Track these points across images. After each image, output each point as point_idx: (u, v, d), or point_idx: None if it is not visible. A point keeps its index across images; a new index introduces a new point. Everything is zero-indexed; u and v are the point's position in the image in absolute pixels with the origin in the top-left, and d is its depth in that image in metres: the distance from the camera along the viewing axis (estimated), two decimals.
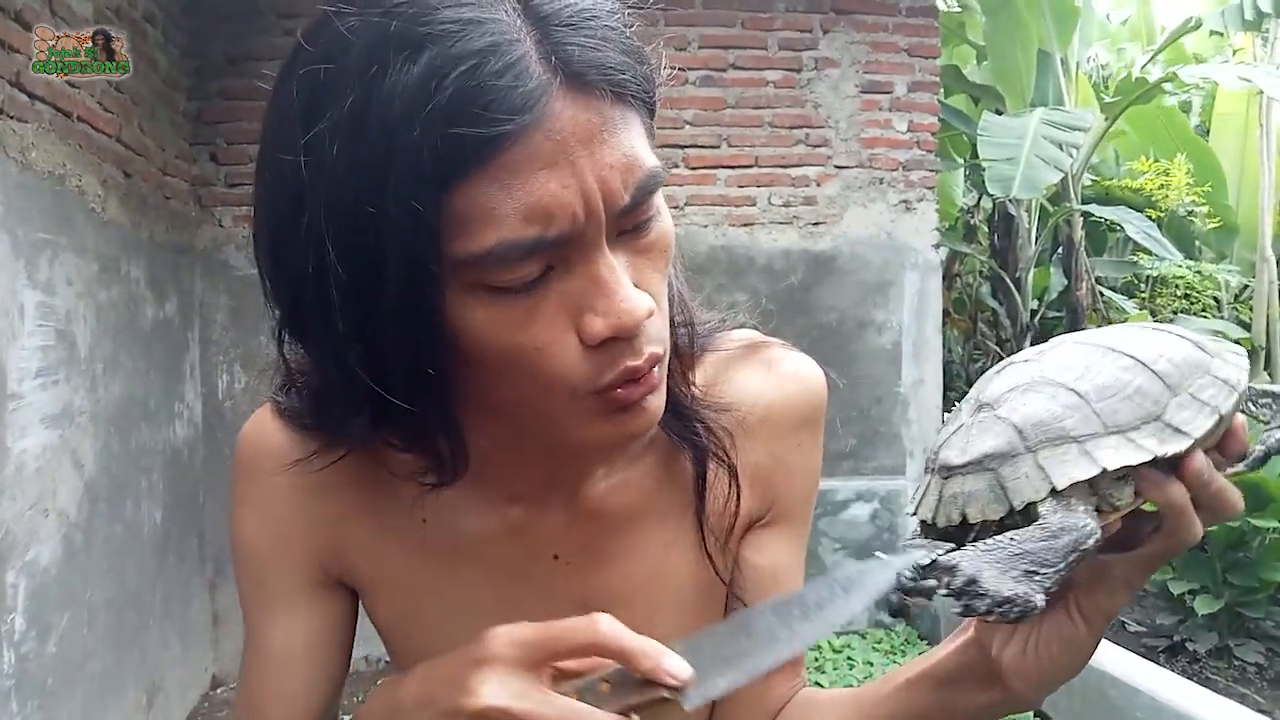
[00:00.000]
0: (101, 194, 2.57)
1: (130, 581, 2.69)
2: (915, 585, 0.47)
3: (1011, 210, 4.92)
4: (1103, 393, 0.48)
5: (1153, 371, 0.49)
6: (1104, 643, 2.85)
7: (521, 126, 0.45)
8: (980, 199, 5.36)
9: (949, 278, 5.10)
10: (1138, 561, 0.50)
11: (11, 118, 2.13)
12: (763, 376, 0.67)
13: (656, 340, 0.52)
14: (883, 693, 0.63)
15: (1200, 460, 0.48)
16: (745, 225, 3.69)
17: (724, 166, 3.68)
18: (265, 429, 0.64)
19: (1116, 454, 0.47)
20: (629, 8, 0.52)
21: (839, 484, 3.61)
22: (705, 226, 3.66)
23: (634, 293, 0.50)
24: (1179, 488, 0.48)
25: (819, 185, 3.73)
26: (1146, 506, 0.49)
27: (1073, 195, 4.89)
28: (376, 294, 0.47)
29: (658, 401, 0.54)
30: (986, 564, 0.45)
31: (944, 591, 0.46)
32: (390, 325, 0.48)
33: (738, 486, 0.64)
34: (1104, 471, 0.47)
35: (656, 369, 0.53)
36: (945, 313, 4.51)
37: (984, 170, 4.05)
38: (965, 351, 5.63)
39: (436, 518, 0.63)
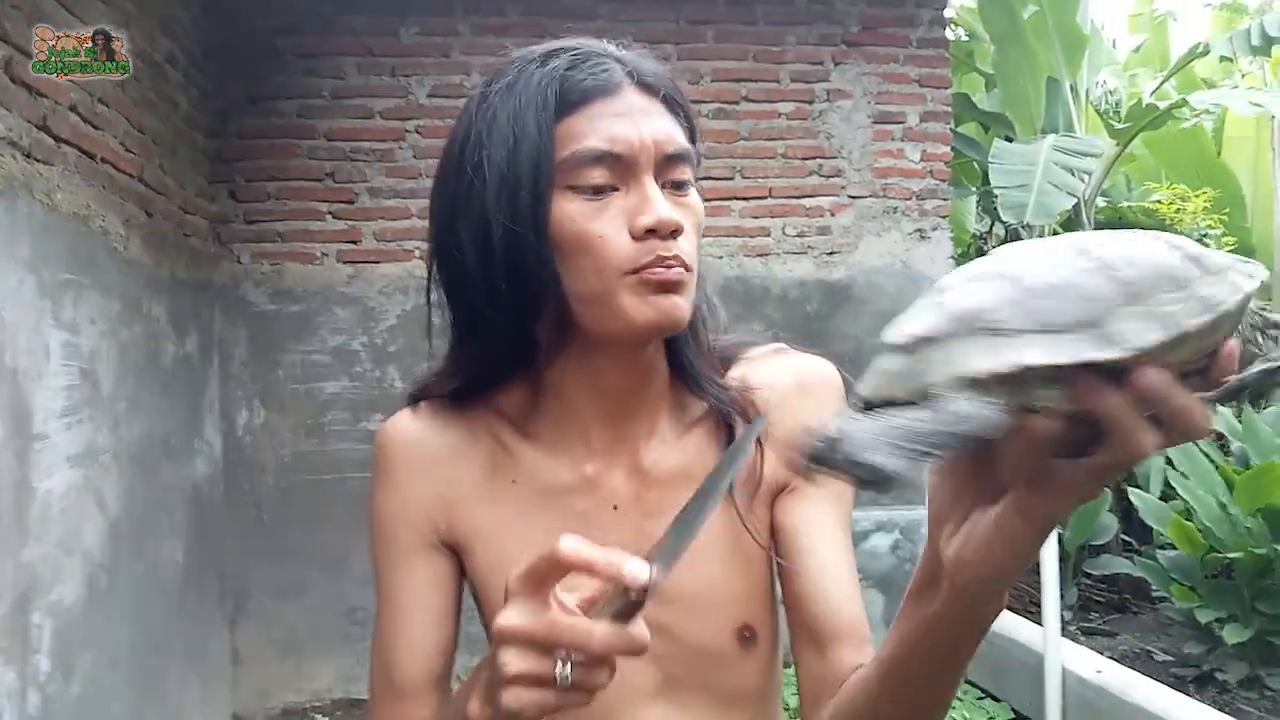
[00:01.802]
0: (124, 233, 2.59)
1: (152, 621, 2.69)
2: (812, 448, 0.48)
3: (1024, 236, 4.92)
4: (1050, 292, 0.47)
5: (1115, 277, 0.47)
6: (1132, 674, 2.82)
7: (606, 87, 0.72)
8: (993, 225, 5.36)
9: None
10: (1084, 469, 0.48)
11: (38, 160, 2.15)
12: (783, 369, 0.83)
13: (684, 251, 0.72)
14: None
15: (1151, 376, 0.46)
16: (760, 256, 3.70)
17: (738, 198, 3.69)
18: (399, 422, 0.83)
19: (1032, 352, 0.45)
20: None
21: (859, 515, 3.58)
22: (720, 257, 3.67)
23: (671, 208, 0.71)
24: (1114, 398, 0.46)
25: (833, 215, 3.74)
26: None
27: (1085, 221, 4.89)
28: (515, 185, 0.71)
29: (684, 302, 0.72)
30: (871, 433, 0.46)
31: (834, 472, 0.47)
32: (523, 206, 0.70)
33: (762, 450, 0.79)
34: (1020, 368, 0.45)
35: (684, 271, 0.71)
36: None
37: (996, 197, 4.05)
38: None
39: (524, 478, 0.80)
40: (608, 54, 0.74)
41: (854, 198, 3.75)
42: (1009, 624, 3.29)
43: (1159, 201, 5.33)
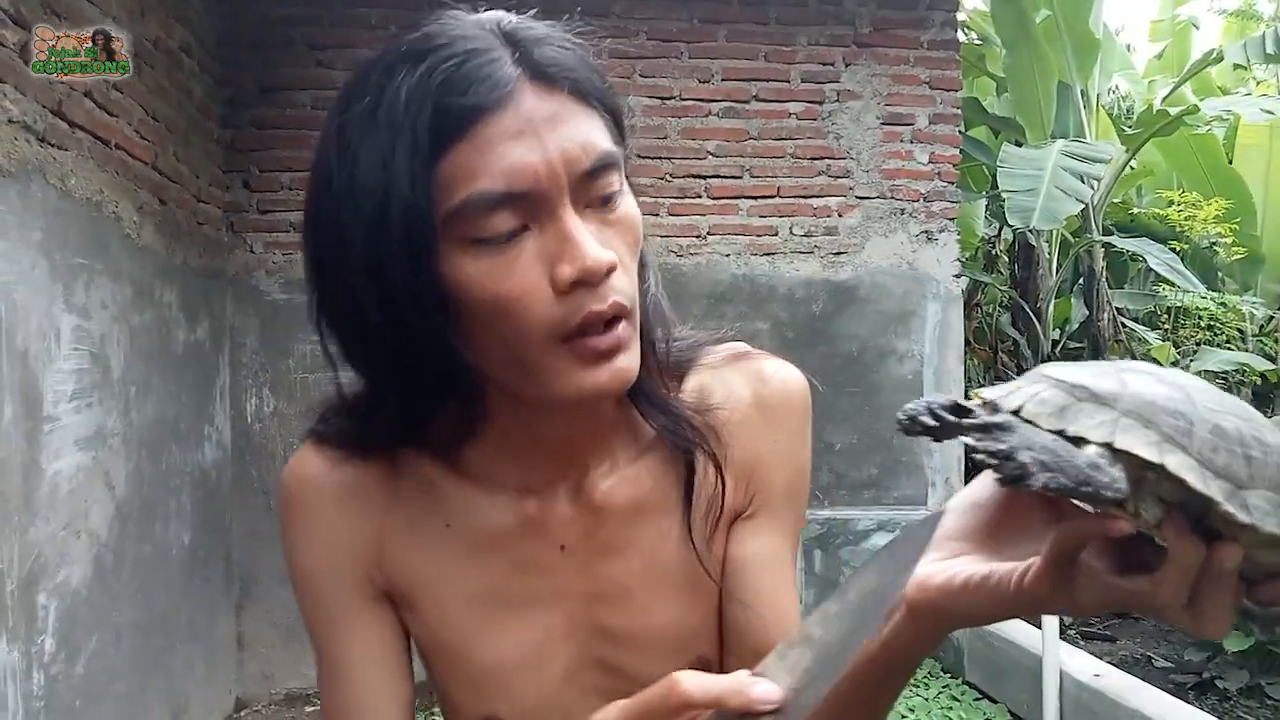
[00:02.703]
0: (137, 220, 2.62)
1: (158, 603, 2.72)
2: (947, 416, 0.49)
3: (1032, 241, 4.92)
4: (1218, 433, 0.49)
5: (1272, 462, 0.49)
6: (1130, 679, 2.82)
7: (493, 103, 0.56)
8: (1001, 229, 5.37)
9: (969, 307, 5.10)
10: (1107, 584, 0.48)
11: (52, 145, 2.18)
12: (744, 380, 0.73)
13: (621, 293, 0.59)
14: None
15: (1233, 553, 0.46)
16: (767, 255, 3.72)
17: (746, 197, 3.71)
18: (304, 462, 0.71)
19: (1183, 467, 0.47)
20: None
21: (860, 514, 3.60)
22: (728, 256, 3.69)
23: (597, 247, 0.58)
24: (1195, 549, 0.46)
25: (840, 215, 3.75)
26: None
27: (1094, 226, 4.89)
28: (386, 254, 0.57)
29: (628, 360, 0.61)
30: (1028, 441, 0.47)
31: (982, 446, 0.47)
32: (400, 273, 0.57)
33: (723, 480, 0.70)
34: (1160, 470, 0.46)
35: (624, 325, 0.60)
36: (966, 342, 4.51)
37: (1004, 201, 4.06)
38: (986, 381, 5.61)
39: (458, 520, 0.69)
40: (489, 46, 0.58)
41: (861, 198, 3.76)
42: (1008, 628, 3.29)
43: (1170, 209, 5.33)
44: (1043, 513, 0.55)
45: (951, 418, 0.50)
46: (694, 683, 0.47)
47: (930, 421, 0.50)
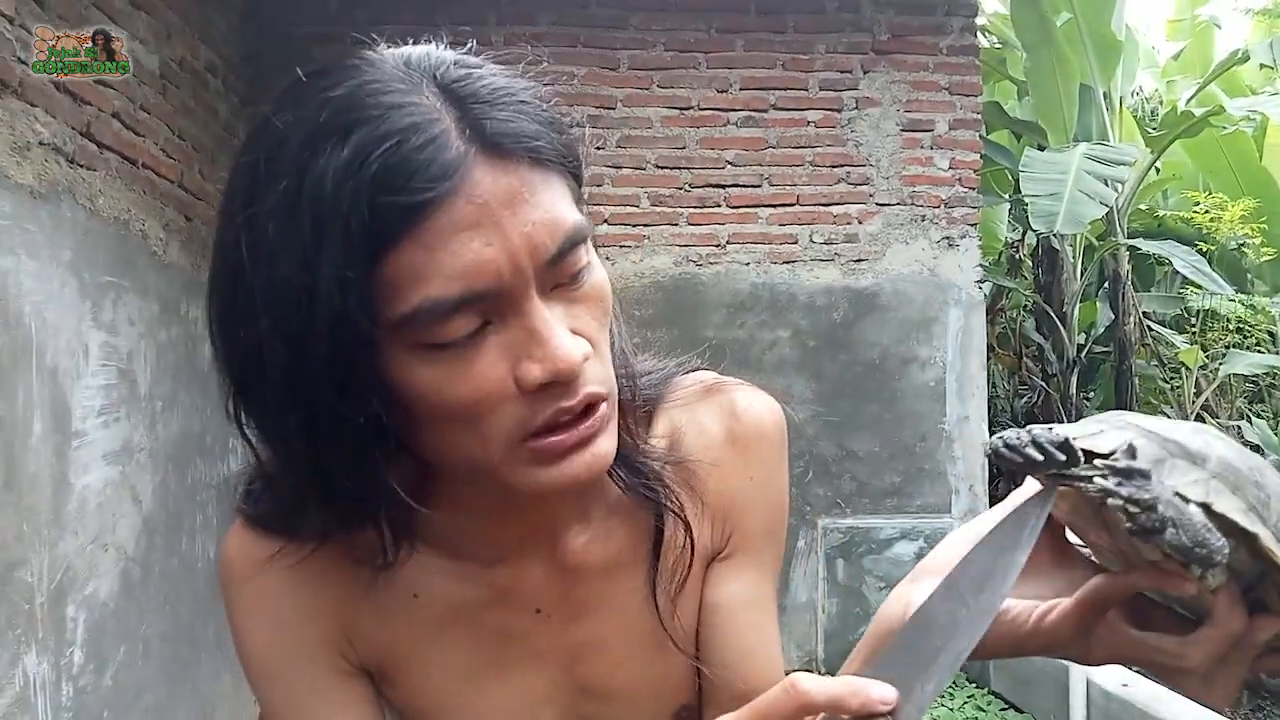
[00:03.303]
0: (163, 237, 2.67)
1: (184, 615, 2.75)
2: (1055, 453, 0.47)
3: (1056, 245, 4.87)
4: None
5: None
6: (1159, 688, 2.78)
7: (443, 194, 0.48)
8: (1024, 233, 5.32)
9: (993, 312, 5.06)
10: (1131, 639, 0.49)
11: (81, 166, 2.23)
12: (716, 416, 0.69)
13: (596, 382, 0.54)
14: None
15: (1275, 626, 0.47)
16: (787, 263, 3.71)
17: (765, 205, 3.71)
18: (242, 540, 0.65)
19: (1272, 540, 0.47)
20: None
21: (883, 522, 3.58)
22: (747, 264, 3.69)
23: (568, 339, 0.52)
24: (1242, 619, 0.47)
25: (861, 223, 3.74)
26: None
27: (1119, 229, 4.84)
28: (311, 366, 0.50)
29: (605, 444, 0.56)
30: (1163, 491, 0.47)
31: (1125, 494, 0.46)
32: (326, 395, 0.50)
33: (691, 540, 0.66)
34: (1249, 537, 0.47)
35: (602, 408, 0.55)
36: (989, 348, 4.48)
37: (1027, 206, 4.03)
38: (1010, 387, 5.56)
39: (427, 590, 0.65)
40: (430, 118, 0.49)
41: (882, 205, 3.75)
42: None
43: (1196, 210, 5.26)
44: (1051, 555, 0.55)
45: (1061, 455, 0.48)
46: (813, 683, 0.45)
47: (1035, 455, 0.48)
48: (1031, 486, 0.53)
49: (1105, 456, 0.48)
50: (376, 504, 0.57)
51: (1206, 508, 0.47)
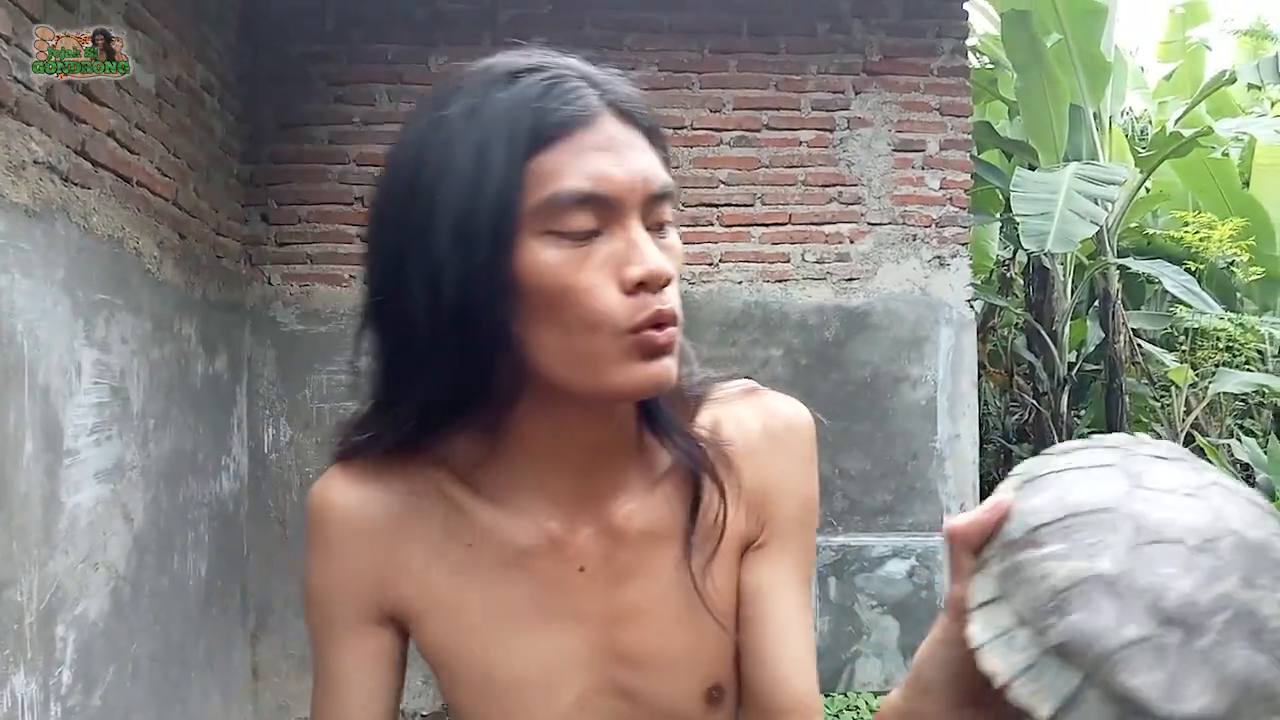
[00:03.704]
0: (157, 255, 2.67)
1: (174, 634, 2.74)
2: None
3: (1047, 263, 4.91)
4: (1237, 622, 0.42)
5: None
6: None
7: (584, 120, 0.63)
8: (1015, 252, 5.36)
9: (984, 330, 5.09)
10: None
11: (76, 184, 2.23)
12: (753, 413, 0.77)
13: (674, 304, 0.65)
14: None
15: None
16: (779, 281, 3.73)
17: (758, 224, 3.73)
18: (329, 485, 0.75)
19: None
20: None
21: (875, 540, 3.58)
22: (740, 283, 3.71)
23: (661, 256, 0.64)
24: None
25: (852, 242, 3.76)
26: None
27: (1109, 248, 4.88)
28: (472, 234, 0.62)
29: (673, 364, 0.65)
30: None
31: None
32: (481, 261, 0.62)
33: (724, 506, 0.72)
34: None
35: (675, 331, 0.65)
36: (980, 366, 4.50)
37: (1018, 225, 4.06)
38: (1002, 405, 5.58)
39: (480, 540, 0.72)
40: (583, 76, 0.65)
41: (873, 224, 3.77)
42: None
43: (1185, 230, 5.31)
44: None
45: None
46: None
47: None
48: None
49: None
50: (472, 403, 0.68)
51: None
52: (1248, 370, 5.06)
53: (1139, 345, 5.09)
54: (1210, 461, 3.95)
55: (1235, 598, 0.43)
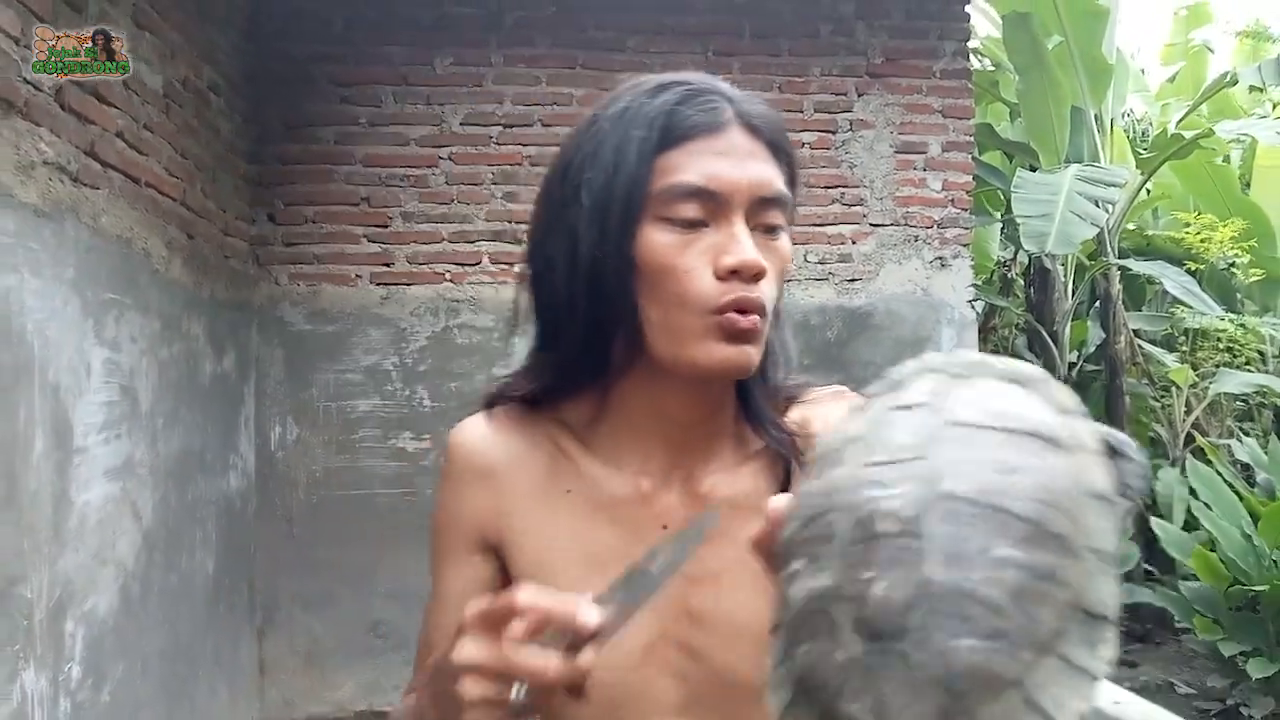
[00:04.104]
0: (166, 255, 2.69)
1: (183, 631, 2.76)
2: None
3: (1048, 264, 4.93)
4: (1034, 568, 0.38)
5: (1054, 535, 0.39)
6: (1152, 706, 2.80)
7: (711, 128, 0.73)
8: (1016, 253, 5.37)
9: (985, 331, 5.10)
10: None
11: (85, 185, 2.25)
12: (840, 413, 0.78)
13: (765, 296, 0.72)
14: None
15: None
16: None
17: None
18: (468, 427, 0.86)
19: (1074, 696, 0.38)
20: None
21: None
22: None
23: (756, 251, 0.72)
24: None
25: (855, 243, 3.78)
26: None
27: (1109, 249, 4.89)
28: (608, 210, 0.73)
29: (755, 352, 0.73)
30: None
31: None
32: (613, 230, 0.73)
33: None
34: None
35: (762, 322, 0.72)
36: None
37: (1019, 226, 4.08)
38: None
39: (579, 486, 0.81)
40: (718, 92, 0.76)
41: (875, 226, 3.79)
42: None
43: (1186, 231, 5.32)
44: None
45: None
46: (525, 596, 0.56)
47: None
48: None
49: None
50: (593, 372, 0.79)
51: None
52: (1248, 371, 5.07)
53: (1139, 346, 5.10)
54: (1210, 463, 3.95)
55: (935, 584, 0.38)
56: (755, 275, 0.71)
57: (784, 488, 0.78)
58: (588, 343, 0.77)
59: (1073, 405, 0.46)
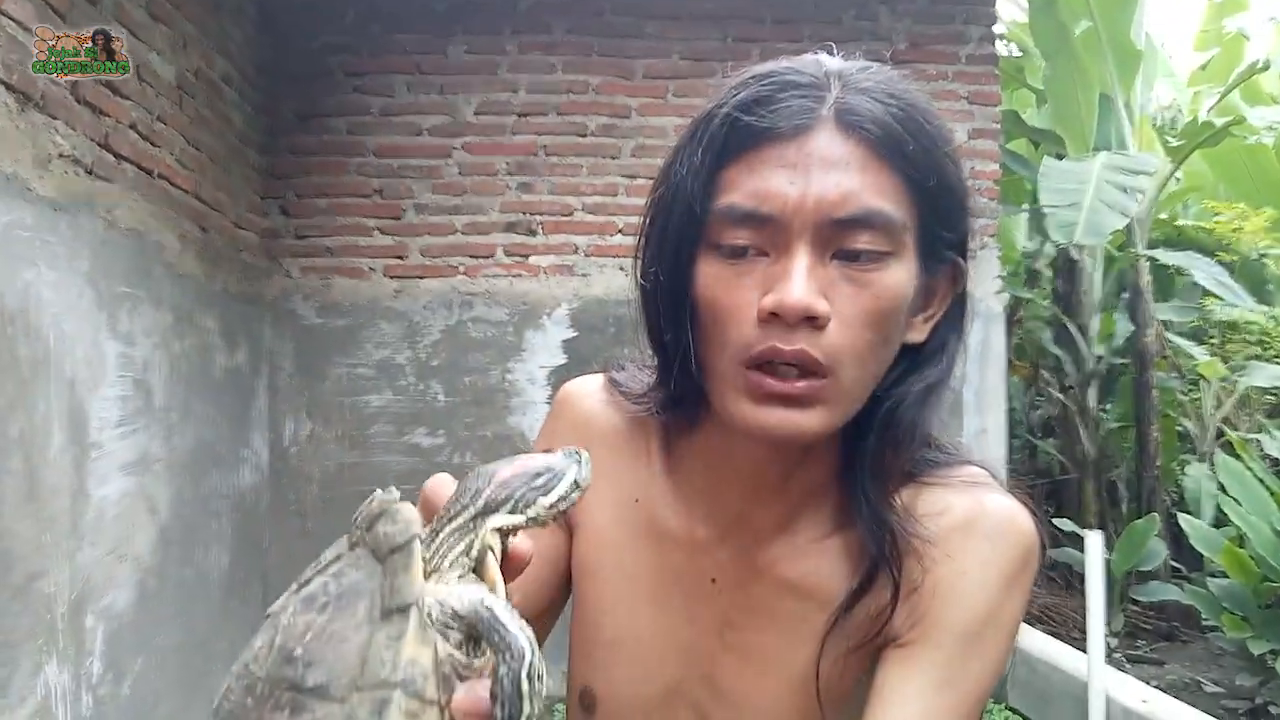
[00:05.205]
0: (179, 248, 2.67)
1: (198, 624, 2.75)
2: None
3: (1075, 255, 4.83)
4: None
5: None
6: (1179, 705, 2.75)
7: (780, 133, 0.60)
8: (1043, 244, 5.28)
9: (1010, 324, 5.02)
10: None
11: (100, 178, 2.23)
12: (961, 504, 0.67)
13: (822, 350, 0.59)
14: None
15: None
16: None
17: None
18: (584, 387, 0.81)
19: None
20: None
21: None
22: None
23: (808, 288, 0.58)
24: None
25: None
26: None
27: (1138, 240, 4.80)
28: (666, 238, 0.64)
29: (805, 418, 0.60)
30: None
31: None
32: (669, 265, 0.64)
33: (894, 606, 0.65)
34: None
35: (811, 381, 0.59)
36: (1007, 360, 4.44)
37: (1046, 216, 3.99)
38: (1027, 399, 5.52)
39: (646, 501, 0.75)
40: (812, 84, 0.61)
41: None
42: (1052, 651, 3.22)
43: (1217, 221, 5.21)
44: None
45: None
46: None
47: None
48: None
49: None
50: (687, 392, 0.68)
51: None
52: (1279, 364, 4.97)
53: (1168, 339, 5.00)
54: (1240, 458, 3.86)
55: None
56: (806, 319, 0.58)
57: (870, 575, 0.65)
58: (673, 368, 0.67)
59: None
